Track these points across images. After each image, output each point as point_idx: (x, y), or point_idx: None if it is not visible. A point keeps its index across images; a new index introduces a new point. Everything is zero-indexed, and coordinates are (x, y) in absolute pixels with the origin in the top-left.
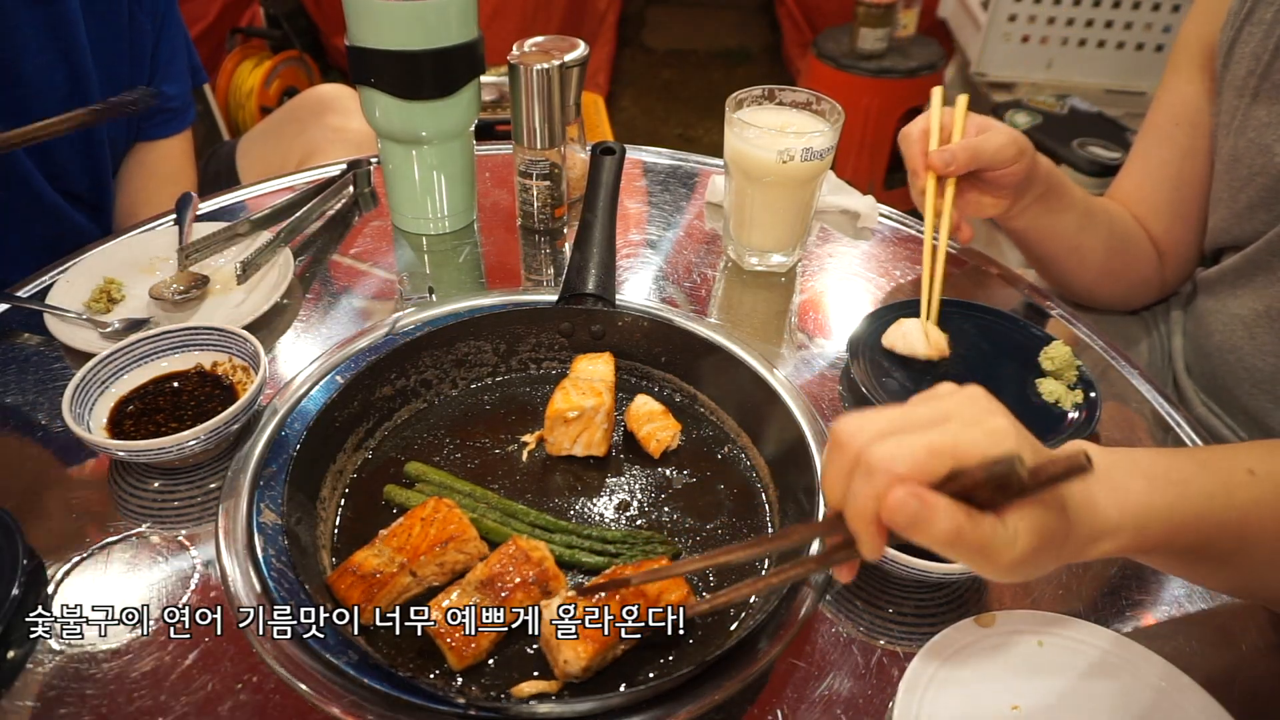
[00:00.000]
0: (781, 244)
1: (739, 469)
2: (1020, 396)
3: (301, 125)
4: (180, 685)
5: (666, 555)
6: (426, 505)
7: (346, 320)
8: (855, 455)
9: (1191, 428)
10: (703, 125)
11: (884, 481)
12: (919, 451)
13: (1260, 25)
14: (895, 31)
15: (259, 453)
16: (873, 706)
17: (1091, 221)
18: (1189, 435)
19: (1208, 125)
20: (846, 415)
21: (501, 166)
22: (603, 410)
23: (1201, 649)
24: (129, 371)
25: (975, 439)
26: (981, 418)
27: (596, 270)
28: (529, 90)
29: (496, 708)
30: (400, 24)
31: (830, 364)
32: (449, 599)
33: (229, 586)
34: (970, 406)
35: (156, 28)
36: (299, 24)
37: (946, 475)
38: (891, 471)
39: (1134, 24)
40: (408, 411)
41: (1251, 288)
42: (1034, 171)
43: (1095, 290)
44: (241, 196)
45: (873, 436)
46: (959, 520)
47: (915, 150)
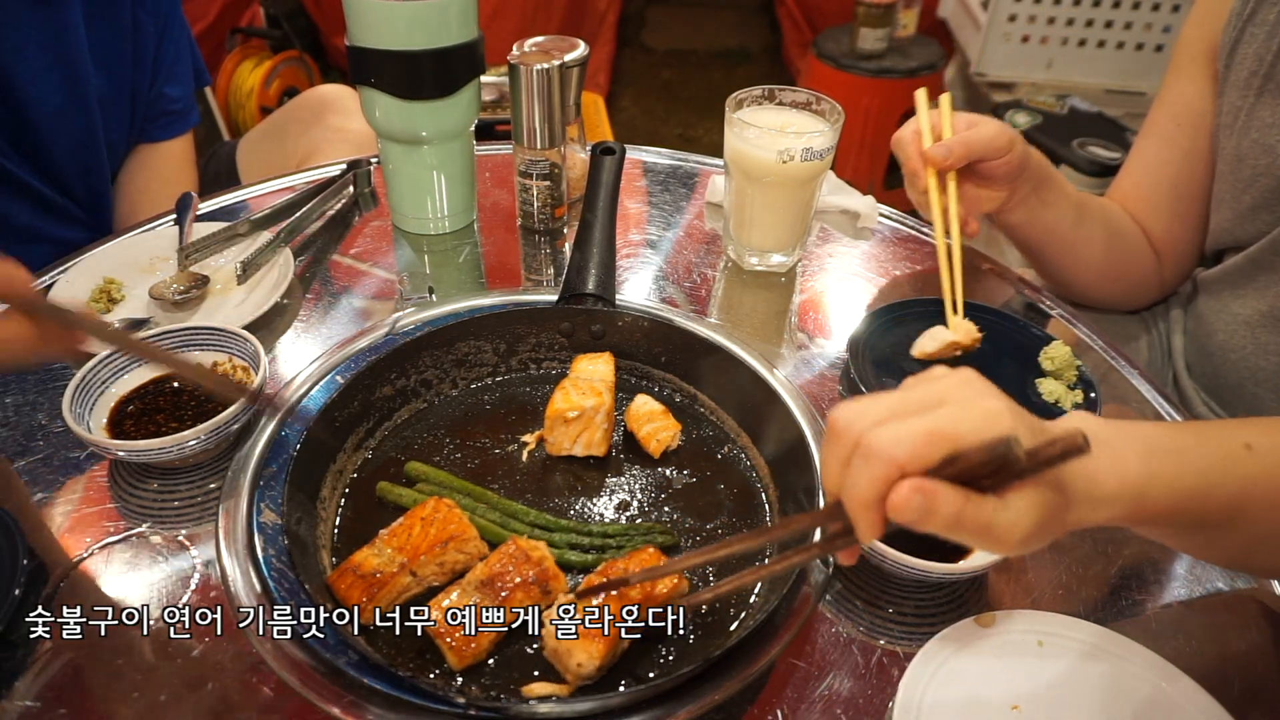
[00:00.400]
0: (781, 244)
1: (739, 469)
2: (1020, 396)
3: (302, 125)
4: (181, 685)
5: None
6: (426, 505)
7: (346, 320)
8: (853, 441)
9: None
10: (703, 125)
11: (882, 468)
12: (917, 437)
13: (1263, 26)
14: (895, 31)
15: (259, 453)
16: (873, 706)
17: (1086, 216)
18: None
19: (1209, 126)
20: (844, 403)
21: (501, 166)
22: (603, 410)
23: (1201, 648)
24: (129, 371)
25: (971, 422)
26: (976, 399)
27: (596, 270)
28: (529, 90)
29: (496, 708)
30: (400, 24)
31: (830, 364)
32: (449, 599)
33: (229, 586)
34: (964, 389)
35: (159, 29)
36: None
37: (944, 459)
38: (890, 457)
39: (1134, 24)
40: (408, 411)
41: (1254, 288)
42: (1026, 162)
43: (1094, 291)
44: (242, 196)
45: (870, 422)
46: (961, 505)
47: (911, 151)
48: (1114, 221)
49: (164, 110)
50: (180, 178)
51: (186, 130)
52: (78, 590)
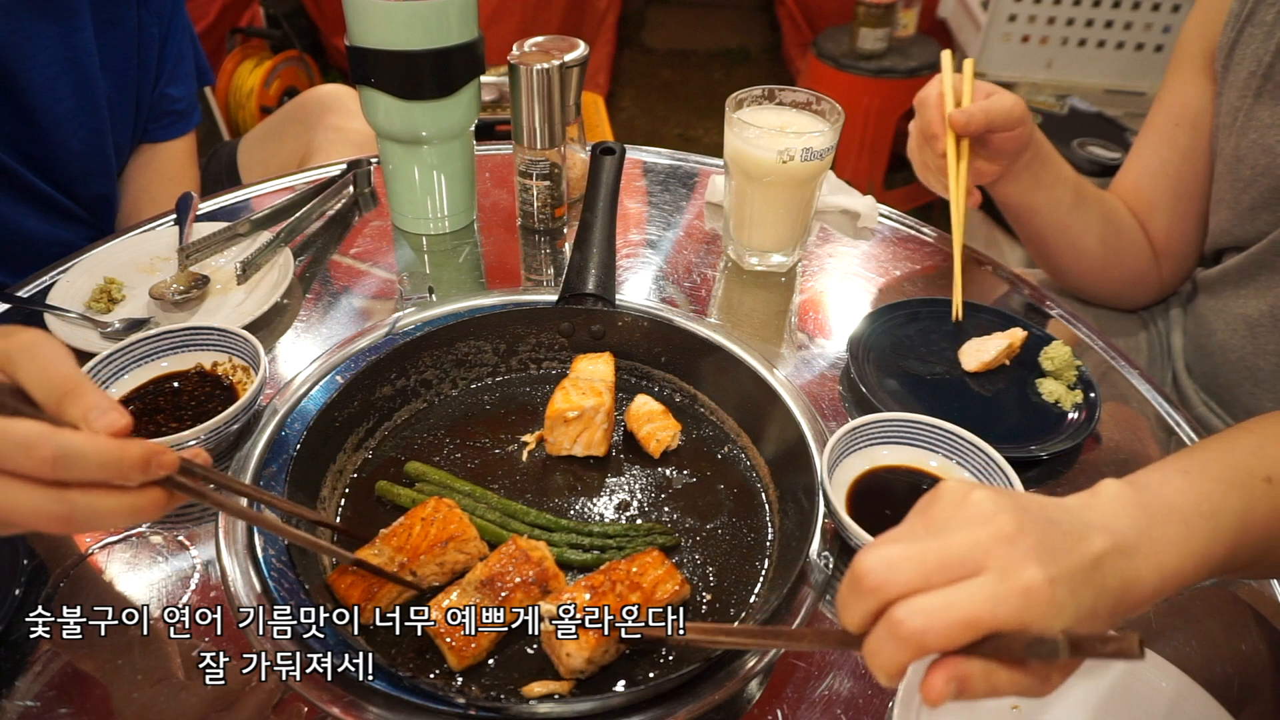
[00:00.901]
0: (781, 244)
1: (739, 469)
2: (1020, 396)
3: (302, 125)
4: (181, 685)
5: (662, 544)
6: (427, 505)
7: (346, 320)
8: (880, 604)
9: (1191, 428)
10: (703, 125)
11: (911, 652)
12: (952, 626)
13: (1261, 26)
14: (895, 31)
15: (259, 453)
16: (873, 706)
17: (1083, 202)
18: (1189, 435)
19: (1208, 126)
20: (870, 549)
21: (501, 166)
22: (603, 410)
23: (1201, 649)
24: (129, 371)
25: (1010, 605)
26: (1017, 570)
27: (596, 270)
28: (529, 90)
29: (496, 708)
30: (400, 24)
31: (830, 364)
32: (449, 599)
33: (229, 586)
34: (1005, 551)
35: (163, 30)
36: (299, 24)
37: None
38: (920, 643)
39: (1134, 24)
40: (408, 411)
41: (1254, 288)
42: (1031, 140)
43: (1089, 281)
44: (242, 196)
45: (901, 587)
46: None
47: (934, 114)
48: (1113, 213)
49: (166, 110)
50: (182, 177)
51: (189, 130)
52: (78, 590)
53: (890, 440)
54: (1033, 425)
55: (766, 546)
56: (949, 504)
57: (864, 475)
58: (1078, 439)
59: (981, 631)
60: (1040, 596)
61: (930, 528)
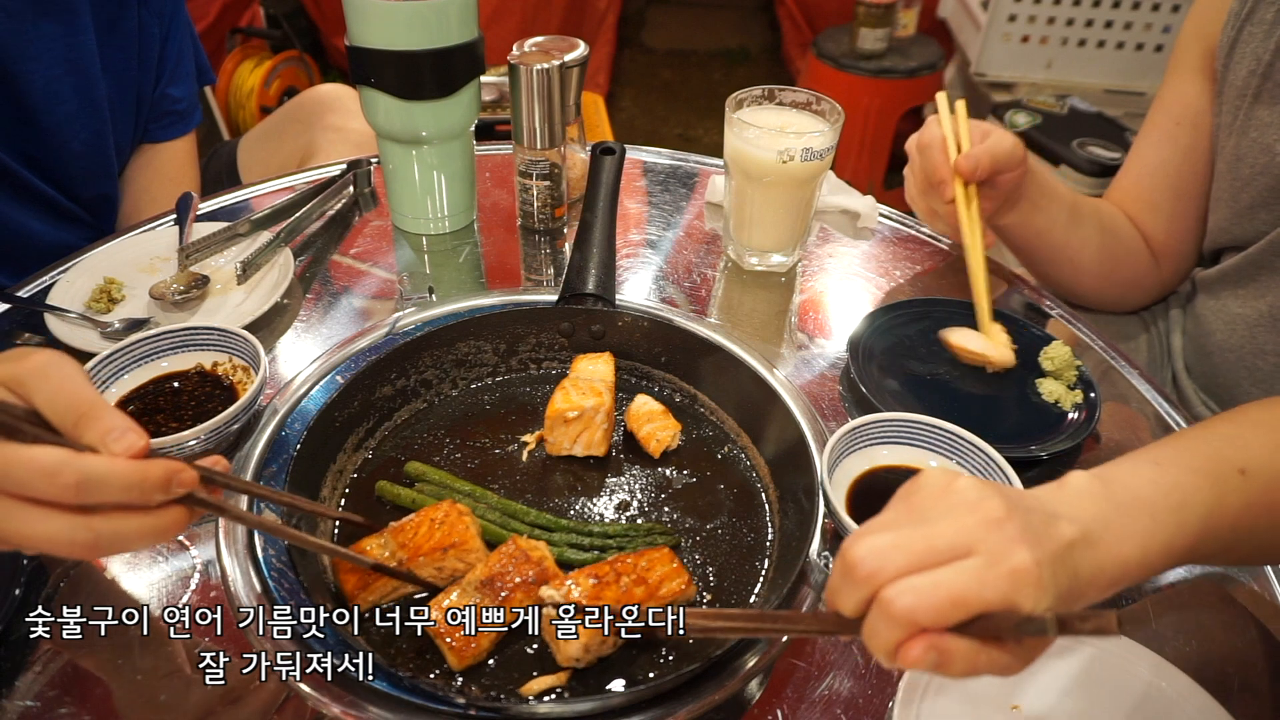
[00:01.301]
0: (781, 244)
1: (739, 469)
2: (1020, 396)
3: (302, 125)
4: (181, 685)
5: (666, 545)
6: (440, 507)
7: (346, 320)
8: (872, 590)
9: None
10: (703, 125)
11: (903, 630)
12: (941, 604)
13: (1261, 25)
14: (895, 31)
15: (259, 453)
16: (873, 706)
17: (1079, 218)
18: None
19: (1208, 125)
20: (859, 536)
21: (501, 166)
22: (603, 410)
23: (1200, 648)
24: (129, 371)
25: (999, 585)
26: (1006, 553)
27: (596, 270)
28: (529, 90)
29: (496, 708)
30: (400, 24)
31: (830, 364)
32: (449, 599)
33: (229, 586)
34: (994, 535)
35: (163, 30)
36: (299, 24)
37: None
38: (911, 621)
39: (1134, 24)
40: (408, 411)
41: (1253, 288)
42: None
43: (1090, 292)
44: (242, 196)
45: (892, 573)
46: (975, 661)
47: (940, 158)
48: (1108, 222)
49: (167, 110)
50: (183, 177)
51: (189, 130)
52: (78, 590)
53: (890, 440)
54: (1033, 425)
55: (766, 546)
56: (933, 492)
57: (864, 475)
58: (1078, 439)
59: (970, 610)
60: (1029, 577)
61: (915, 515)
